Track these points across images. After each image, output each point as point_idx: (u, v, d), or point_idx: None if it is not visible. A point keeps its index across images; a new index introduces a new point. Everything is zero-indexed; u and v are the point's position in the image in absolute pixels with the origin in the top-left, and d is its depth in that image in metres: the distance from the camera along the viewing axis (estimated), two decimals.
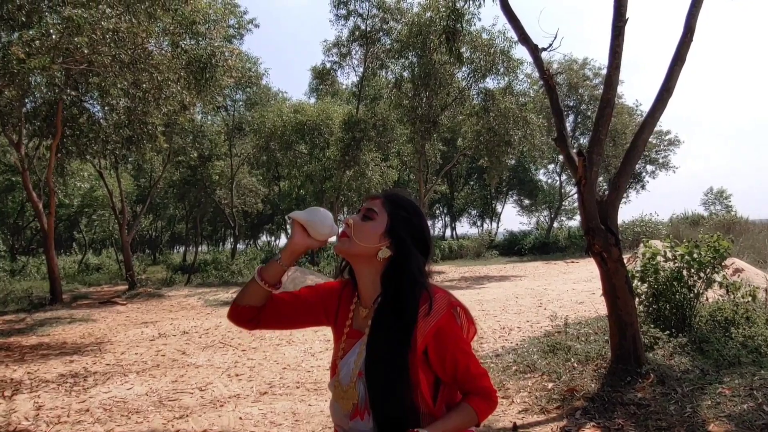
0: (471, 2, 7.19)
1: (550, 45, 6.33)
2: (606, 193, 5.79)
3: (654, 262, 6.59)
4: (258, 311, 1.73)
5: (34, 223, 31.15)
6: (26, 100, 14.68)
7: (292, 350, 8.34)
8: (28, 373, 7.48)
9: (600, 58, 33.57)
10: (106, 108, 15.30)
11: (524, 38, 6.33)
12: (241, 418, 5.27)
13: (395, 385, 1.49)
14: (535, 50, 6.23)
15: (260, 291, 1.69)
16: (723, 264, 6.65)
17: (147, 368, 7.51)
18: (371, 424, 1.53)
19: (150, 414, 5.48)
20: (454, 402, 1.62)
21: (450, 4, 7.51)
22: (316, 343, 8.75)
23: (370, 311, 1.63)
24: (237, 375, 6.99)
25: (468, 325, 1.62)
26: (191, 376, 7.02)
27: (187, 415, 5.40)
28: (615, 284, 5.38)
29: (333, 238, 1.69)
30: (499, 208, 44.99)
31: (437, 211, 45.38)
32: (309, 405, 5.55)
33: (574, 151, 5.64)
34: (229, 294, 17.25)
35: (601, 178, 27.20)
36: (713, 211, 41.54)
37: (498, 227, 44.50)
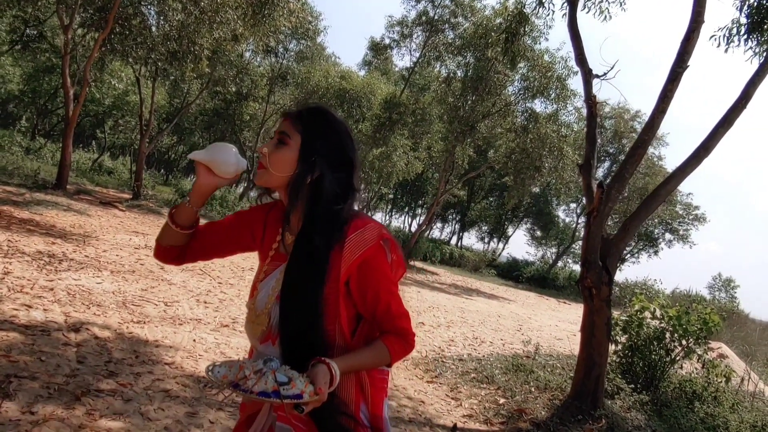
0: (540, 8, 7.10)
1: (605, 74, 6.23)
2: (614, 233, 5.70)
3: (640, 316, 6.51)
4: (182, 249, 1.67)
5: (61, 110, 31.32)
6: None
7: None
8: (8, 240, 7.52)
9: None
10: (161, 17, 15.30)
11: (581, 59, 6.23)
12: (195, 340, 5.26)
13: (307, 314, 1.42)
14: (588, 74, 6.13)
15: (176, 234, 1.62)
16: (708, 341, 6.55)
17: (122, 271, 7.52)
18: (280, 349, 1.46)
19: (110, 311, 5.48)
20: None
21: (519, 6, 7.40)
22: None
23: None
24: (205, 302, 6.98)
25: (397, 262, 1.53)
26: (161, 290, 7.03)
27: (144, 323, 5.40)
28: (595, 322, 5.31)
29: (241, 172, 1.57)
30: (510, 230, 44.76)
31: (450, 216, 45.20)
32: None
33: (596, 181, 5.55)
34: None
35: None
36: (717, 297, 41.22)
37: (503, 249, 44.34)
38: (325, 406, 1.33)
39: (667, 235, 35.15)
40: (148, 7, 15.65)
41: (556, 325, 13.91)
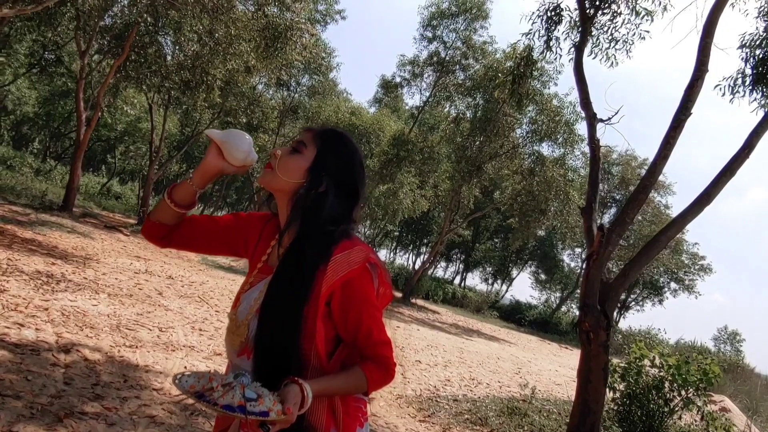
0: (547, 52, 7.19)
1: (609, 119, 6.27)
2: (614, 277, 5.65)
3: (639, 364, 6.42)
4: (170, 229, 1.67)
5: (74, 134, 31.76)
6: (106, 15, 15.02)
7: None
8: (8, 259, 7.53)
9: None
10: (176, 47, 15.60)
11: (586, 103, 6.28)
12: (186, 367, 5.21)
13: (284, 329, 1.39)
14: (592, 118, 6.17)
15: (170, 210, 1.62)
16: (709, 393, 6.44)
17: (120, 294, 7.49)
18: (253, 363, 1.44)
19: (103, 333, 5.44)
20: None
21: (527, 50, 7.51)
22: None
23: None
24: (201, 330, 6.93)
25: (383, 288, 1.50)
26: (158, 315, 6.98)
27: (137, 347, 5.35)
28: (591, 367, 5.23)
29: (251, 164, 1.59)
30: (514, 273, 44.52)
31: (454, 256, 45.06)
32: None
33: (596, 224, 5.53)
34: (228, 260, 17.26)
35: None
36: (722, 350, 40.67)
37: (507, 291, 44.02)
38: (293, 427, 1.30)
39: (672, 285, 34.90)
40: (165, 36, 15.98)
41: (556, 370, 13.71)
